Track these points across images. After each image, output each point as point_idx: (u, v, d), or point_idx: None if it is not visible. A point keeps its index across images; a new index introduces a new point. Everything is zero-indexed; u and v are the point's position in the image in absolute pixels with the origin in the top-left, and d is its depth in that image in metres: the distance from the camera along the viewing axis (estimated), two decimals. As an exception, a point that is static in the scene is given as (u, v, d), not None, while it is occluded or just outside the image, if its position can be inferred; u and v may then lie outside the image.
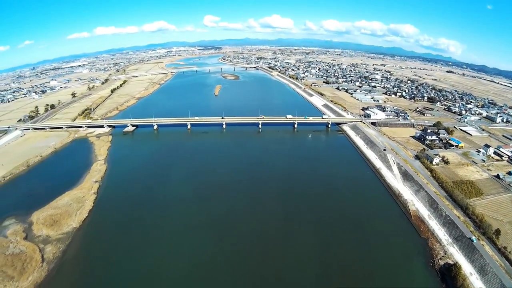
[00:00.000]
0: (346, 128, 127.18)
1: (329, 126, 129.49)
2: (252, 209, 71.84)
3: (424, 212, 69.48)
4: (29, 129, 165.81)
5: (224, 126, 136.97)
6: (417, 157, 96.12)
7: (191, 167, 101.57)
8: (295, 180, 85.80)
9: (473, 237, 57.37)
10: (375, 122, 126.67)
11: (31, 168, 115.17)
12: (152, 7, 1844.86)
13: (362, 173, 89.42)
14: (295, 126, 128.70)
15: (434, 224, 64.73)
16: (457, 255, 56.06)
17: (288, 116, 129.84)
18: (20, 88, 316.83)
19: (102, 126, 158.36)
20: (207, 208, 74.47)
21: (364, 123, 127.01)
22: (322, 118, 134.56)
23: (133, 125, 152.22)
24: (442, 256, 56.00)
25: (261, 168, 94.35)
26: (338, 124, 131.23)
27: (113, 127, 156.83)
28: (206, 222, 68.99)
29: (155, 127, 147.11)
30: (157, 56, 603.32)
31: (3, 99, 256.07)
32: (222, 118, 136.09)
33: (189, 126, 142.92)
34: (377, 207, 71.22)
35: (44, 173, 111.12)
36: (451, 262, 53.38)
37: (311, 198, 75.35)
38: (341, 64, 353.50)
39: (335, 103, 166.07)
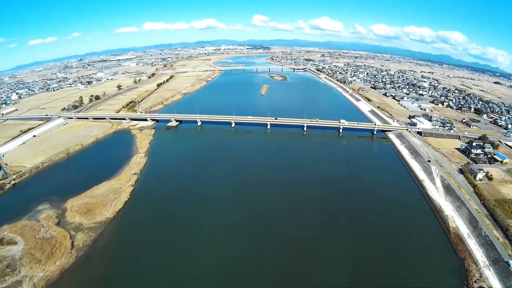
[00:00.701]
0: (391, 136, 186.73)
1: (375, 133, 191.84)
2: (288, 213, 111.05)
3: (464, 230, 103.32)
4: (72, 118, 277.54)
5: (268, 126, 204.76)
6: (460, 171, 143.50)
7: (232, 166, 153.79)
8: (335, 186, 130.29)
9: (510, 261, 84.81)
10: (421, 132, 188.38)
11: (70, 156, 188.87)
12: (201, 4, 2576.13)
13: (404, 184, 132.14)
14: (340, 130, 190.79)
15: (473, 244, 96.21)
16: (492, 279, 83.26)
17: (334, 121, 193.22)
18: (66, 78, 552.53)
19: (146, 120, 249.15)
20: (243, 209, 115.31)
21: (409, 131, 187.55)
22: (368, 124, 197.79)
23: (177, 120, 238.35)
24: (477, 279, 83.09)
25: (302, 172, 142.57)
26: (383, 131, 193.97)
27: (157, 121, 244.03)
28: (240, 223, 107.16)
29: (199, 123, 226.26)
30: (205, 53, 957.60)
31: (49, 88, 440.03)
32: (267, 118, 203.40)
33: (233, 125, 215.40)
34: (416, 220, 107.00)
35: (83, 162, 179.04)
36: (485, 287, 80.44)
37: (349, 206, 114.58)
38: (389, 69, 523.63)
39: (381, 109, 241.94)
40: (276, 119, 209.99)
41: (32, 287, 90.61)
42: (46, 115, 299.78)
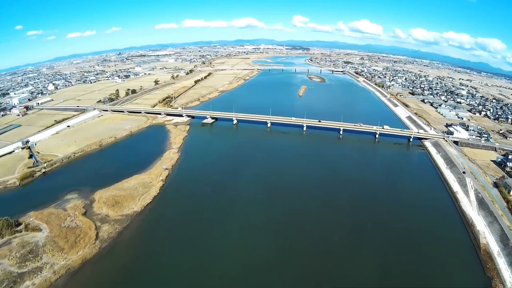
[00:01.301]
0: (427, 144, 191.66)
1: (411, 140, 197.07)
2: (318, 217, 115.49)
3: (494, 247, 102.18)
4: (107, 110, 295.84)
5: (304, 128, 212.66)
6: (495, 185, 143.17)
7: (264, 166, 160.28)
8: (367, 192, 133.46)
9: None
10: (457, 141, 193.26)
11: (103, 148, 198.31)
12: (241, 3, 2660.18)
13: (437, 195, 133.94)
14: (377, 136, 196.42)
15: (502, 263, 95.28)
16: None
17: (371, 125, 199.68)
18: (104, 71, 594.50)
19: (181, 115, 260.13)
20: (272, 211, 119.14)
21: (446, 140, 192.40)
22: (405, 131, 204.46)
23: (212, 118, 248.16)
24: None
25: (335, 176, 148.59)
26: (420, 139, 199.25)
27: (192, 117, 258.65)
28: (269, 225, 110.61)
29: (235, 121, 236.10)
30: (244, 52, 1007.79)
31: (86, 80, 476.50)
32: (303, 120, 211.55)
33: (269, 125, 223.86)
34: (447, 233, 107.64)
35: (115, 154, 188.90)
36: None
37: (379, 213, 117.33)
38: (428, 75, 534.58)
39: (419, 116, 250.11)
40: (319, 121, 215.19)
41: (52, 274, 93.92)
42: (78, 105, 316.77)
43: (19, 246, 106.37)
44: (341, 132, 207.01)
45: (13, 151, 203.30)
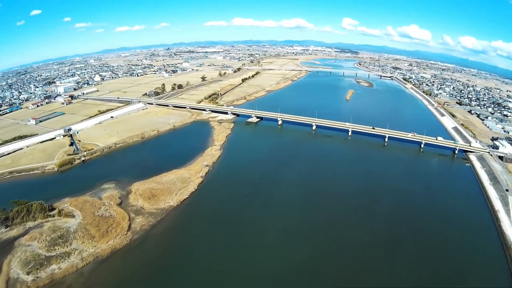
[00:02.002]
0: (472, 157, 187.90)
1: (456, 152, 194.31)
2: (355, 225, 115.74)
3: None
4: (152, 104, 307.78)
5: (349, 133, 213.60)
6: None
7: (306, 170, 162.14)
8: (406, 203, 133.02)
9: None
10: (502, 156, 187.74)
11: (145, 141, 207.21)
12: (291, 3, 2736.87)
13: (477, 212, 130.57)
14: (422, 145, 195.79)
15: None
16: None
17: (417, 134, 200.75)
18: (152, 65, 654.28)
19: (226, 113, 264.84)
20: (310, 217, 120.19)
21: (491, 155, 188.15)
22: (451, 142, 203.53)
23: (257, 117, 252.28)
24: None
25: (376, 185, 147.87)
26: (465, 151, 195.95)
27: (237, 115, 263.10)
28: (306, 231, 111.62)
29: (280, 122, 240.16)
30: (293, 53, 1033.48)
31: (132, 73, 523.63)
32: (349, 124, 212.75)
33: (314, 127, 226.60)
34: (483, 255, 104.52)
35: (157, 147, 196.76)
36: None
37: (417, 225, 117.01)
38: (475, 85, 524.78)
39: (465, 127, 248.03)
40: (373, 128, 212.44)
41: (80, 260, 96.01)
42: (123, 97, 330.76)
43: (50, 230, 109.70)
44: (386, 139, 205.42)
45: (55, 137, 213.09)
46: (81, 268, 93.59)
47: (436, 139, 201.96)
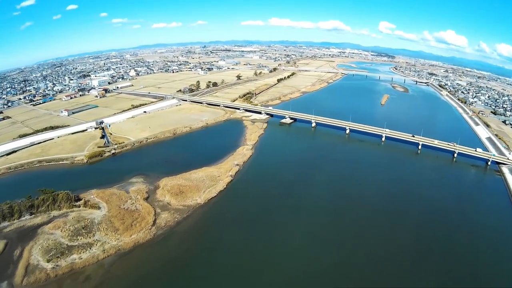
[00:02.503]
0: (505, 170, 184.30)
1: (489, 163, 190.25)
2: (382, 233, 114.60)
3: None
4: (186, 100, 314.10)
5: (383, 138, 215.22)
6: None
7: (338, 174, 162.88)
8: (435, 212, 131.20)
9: None
10: None
11: (176, 137, 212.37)
12: (328, 5, 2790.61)
13: (506, 228, 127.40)
14: (455, 155, 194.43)
15: None
16: None
17: (450, 143, 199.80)
18: (187, 62, 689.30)
19: (260, 113, 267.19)
20: (339, 222, 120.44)
21: None
22: (484, 153, 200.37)
23: (291, 118, 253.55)
24: None
25: (406, 192, 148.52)
26: (498, 163, 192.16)
27: (271, 115, 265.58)
28: (333, 236, 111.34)
29: (313, 124, 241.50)
30: (329, 55, 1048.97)
31: (168, 69, 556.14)
32: (383, 130, 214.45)
33: (347, 131, 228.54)
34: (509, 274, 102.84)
35: (188, 144, 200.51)
36: None
37: (444, 237, 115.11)
38: (510, 95, 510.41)
39: (499, 138, 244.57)
40: (413, 136, 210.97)
41: (101, 252, 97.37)
42: (157, 93, 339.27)
43: (74, 220, 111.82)
44: (419, 147, 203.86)
45: (86, 129, 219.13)
46: (102, 259, 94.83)
47: (467, 149, 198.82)
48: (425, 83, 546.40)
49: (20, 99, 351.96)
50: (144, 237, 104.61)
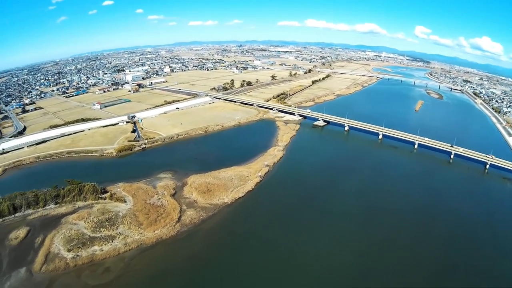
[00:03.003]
0: None
1: None
2: (408, 248, 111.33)
3: None
4: (219, 98, 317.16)
5: (415, 146, 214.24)
6: None
7: (369, 181, 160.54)
8: (464, 229, 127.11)
9: None
10: None
11: (208, 134, 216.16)
12: (365, 8, 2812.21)
13: None
14: (487, 166, 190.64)
15: None
16: None
17: (482, 154, 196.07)
18: (223, 60, 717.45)
19: (293, 114, 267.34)
20: (364, 231, 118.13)
21: None
22: None
23: (324, 121, 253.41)
24: None
25: (434, 204, 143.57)
26: None
27: (304, 117, 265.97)
28: (357, 245, 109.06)
29: (346, 128, 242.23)
30: (365, 58, 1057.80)
31: (203, 67, 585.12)
32: (416, 137, 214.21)
33: (380, 136, 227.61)
34: None
35: (219, 142, 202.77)
36: None
37: (474, 258, 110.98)
38: None
39: None
40: (451, 146, 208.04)
41: (123, 245, 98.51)
42: (191, 90, 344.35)
43: (98, 212, 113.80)
44: (452, 156, 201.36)
45: (118, 123, 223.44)
46: (123, 253, 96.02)
47: (500, 161, 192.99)
48: (460, 90, 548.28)
49: (53, 90, 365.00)
50: (167, 233, 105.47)
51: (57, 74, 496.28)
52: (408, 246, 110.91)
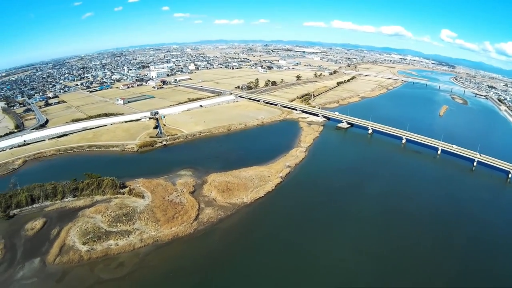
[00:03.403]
0: None
1: None
2: (427, 258, 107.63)
3: None
4: (243, 97, 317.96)
5: (438, 151, 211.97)
6: None
7: (390, 186, 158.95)
8: (485, 239, 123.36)
9: None
10: None
11: (230, 133, 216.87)
12: (391, 10, 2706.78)
13: None
14: (509, 175, 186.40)
15: None
16: None
17: (506, 162, 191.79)
18: (248, 59, 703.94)
19: (317, 115, 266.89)
20: (384, 237, 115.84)
21: None
22: None
23: (348, 123, 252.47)
24: None
25: (454, 213, 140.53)
26: None
27: (328, 118, 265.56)
28: (376, 252, 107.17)
29: (370, 131, 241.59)
30: (390, 61, 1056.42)
31: (228, 65, 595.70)
32: (440, 142, 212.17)
33: (403, 141, 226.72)
34: None
35: (241, 141, 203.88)
36: None
37: (494, 271, 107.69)
38: None
39: None
40: (480, 155, 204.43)
41: (138, 241, 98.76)
42: (215, 88, 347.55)
43: (116, 207, 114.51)
44: (474, 164, 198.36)
45: (140, 119, 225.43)
46: (138, 248, 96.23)
47: None
48: (485, 96, 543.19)
49: (77, 85, 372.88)
50: (184, 231, 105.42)
51: (81, 69, 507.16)
52: (427, 253, 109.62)
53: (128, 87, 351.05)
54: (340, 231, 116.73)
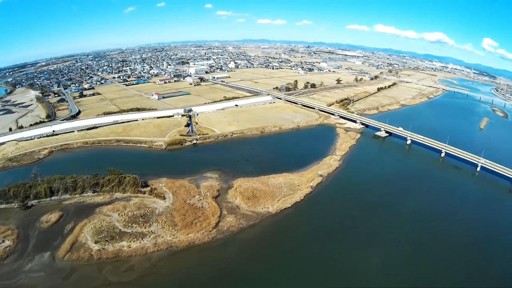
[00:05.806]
0: None
1: None
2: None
3: None
4: (281, 99, 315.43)
5: (478, 168, 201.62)
6: None
7: (426, 204, 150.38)
8: None
9: None
10: None
11: (264, 135, 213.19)
12: (433, 16, 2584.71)
13: None
14: None
15: None
16: None
17: None
18: (289, 60, 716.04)
19: (355, 121, 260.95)
20: (416, 261, 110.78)
21: None
22: None
23: (386, 131, 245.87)
24: None
25: (496, 241, 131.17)
26: None
27: (366, 126, 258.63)
28: (406, 277, 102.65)
29: (409, 142, 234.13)
30: (431, 68, 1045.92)
31: (268, 65, 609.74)
32: (479, 158, 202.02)
33: (443, 154, 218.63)
34: None
35: (274, 145, 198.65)
36: None
37: None
38: None
39: None
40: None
41: (152, 244, 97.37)
42: (253, 87, 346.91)
43: (135, 206, 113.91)
44: None
45: (173, 115, 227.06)
46: (151, 253, 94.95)
47: None
48: None
49: (114, 77, 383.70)
50: (201, 239, 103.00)
51: (121, 62, 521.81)
52: (461, 283, 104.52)
53: (165, 82, 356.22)
54: (369, 250, 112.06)
